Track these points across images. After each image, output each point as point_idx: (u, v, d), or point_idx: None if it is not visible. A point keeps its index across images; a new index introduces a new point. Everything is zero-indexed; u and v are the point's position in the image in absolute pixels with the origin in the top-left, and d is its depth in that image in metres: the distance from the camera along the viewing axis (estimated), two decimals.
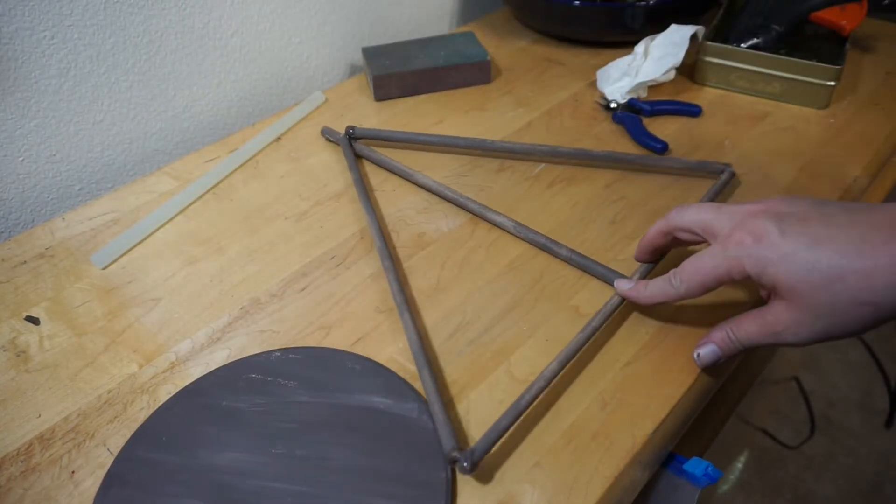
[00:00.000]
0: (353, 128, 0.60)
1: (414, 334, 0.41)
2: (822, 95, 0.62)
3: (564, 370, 0.39)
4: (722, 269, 0.35)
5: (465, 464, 0.33)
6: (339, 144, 0.60)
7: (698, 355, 0.39)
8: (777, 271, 0.33)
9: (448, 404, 0.38)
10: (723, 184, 0.52)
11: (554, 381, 0.38)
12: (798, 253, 0.32)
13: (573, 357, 0.39)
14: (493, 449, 0.35)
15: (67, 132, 0.56)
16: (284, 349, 0.41)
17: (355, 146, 0.59)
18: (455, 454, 0.34)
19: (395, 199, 0.54)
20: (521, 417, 0.37)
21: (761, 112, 0.63)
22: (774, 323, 0.35)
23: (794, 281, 0.33)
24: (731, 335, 0.37)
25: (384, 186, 0.56)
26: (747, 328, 0.37)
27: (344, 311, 0.45)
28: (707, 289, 0.37)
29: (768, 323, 0.35)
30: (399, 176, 0.56)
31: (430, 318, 0.44)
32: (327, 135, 0.62)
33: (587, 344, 0.40)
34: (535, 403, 0.37)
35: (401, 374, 0.40)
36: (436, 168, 0.57)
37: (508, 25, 0.81)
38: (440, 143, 0.59)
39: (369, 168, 0.58)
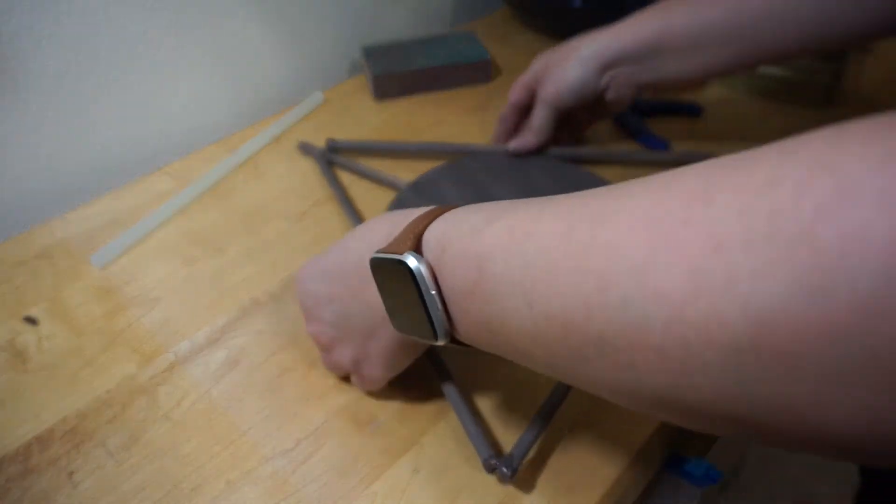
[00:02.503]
0: (333, 140, 0.59)
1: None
2: (822, 94, 0.62)
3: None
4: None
5: (505, 470, 0.33)
6: (317, 161, 0.59)
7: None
8: None
9: (476, 412, 0.38)
10: None
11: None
12: None
13: None
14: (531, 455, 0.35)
15: (67, 132, 0.56)
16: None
17: (336, 158, 0.58)
18: (494, 461, 0.33)
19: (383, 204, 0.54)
20: (556, 414, 0.37)
21: (761, 111, 0.63)
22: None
23: None
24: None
25: (374, 193, 0.56)
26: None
27: None
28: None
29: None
30: (383, 184, 0.56)
31: None
32: (305, 150, 0.60)
33: None
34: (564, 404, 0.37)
35: (401, 375, 0.40)
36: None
37: (508, 25, 0.81)
38: (422, 150, 0.58)
39: (352, 176, 0.58)
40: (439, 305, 0.26)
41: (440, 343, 0.27)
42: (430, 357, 0.40)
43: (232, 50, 0.65)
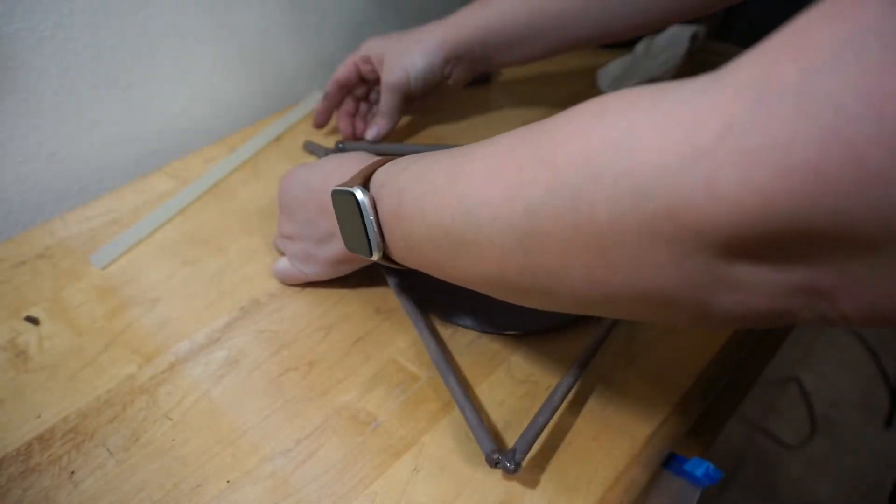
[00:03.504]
0: (342, 142, 0.59)
1: (432, 341, 0.40)
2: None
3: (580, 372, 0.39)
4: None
5: (508, 464, 0.33)
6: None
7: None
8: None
9: (479, 408, 0.38)
10: None
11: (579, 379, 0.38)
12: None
13: (596, 353, 0.39)
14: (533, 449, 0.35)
15: (67, 132, 0.56)
16: None
17: None
18: (497, 455, 0.33)
19: None
20: (557, 414, 0.37)
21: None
22: None
23: None
24: None
25: None
26: None
27: (344, 311, 0.45)
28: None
29: None
30: None
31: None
32: (311, 150, 0.60)
33: (606, 340, 0.40)
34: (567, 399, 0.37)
35: (401, 375, 0.40)
36: None
37: None
38: (426, 150, 0.59)
39: None
40: (375, 227, 0.34)
41: (375, 257, 0.35)
42: (435, 352, 0.40)
43: (232, 50, 0.65)
